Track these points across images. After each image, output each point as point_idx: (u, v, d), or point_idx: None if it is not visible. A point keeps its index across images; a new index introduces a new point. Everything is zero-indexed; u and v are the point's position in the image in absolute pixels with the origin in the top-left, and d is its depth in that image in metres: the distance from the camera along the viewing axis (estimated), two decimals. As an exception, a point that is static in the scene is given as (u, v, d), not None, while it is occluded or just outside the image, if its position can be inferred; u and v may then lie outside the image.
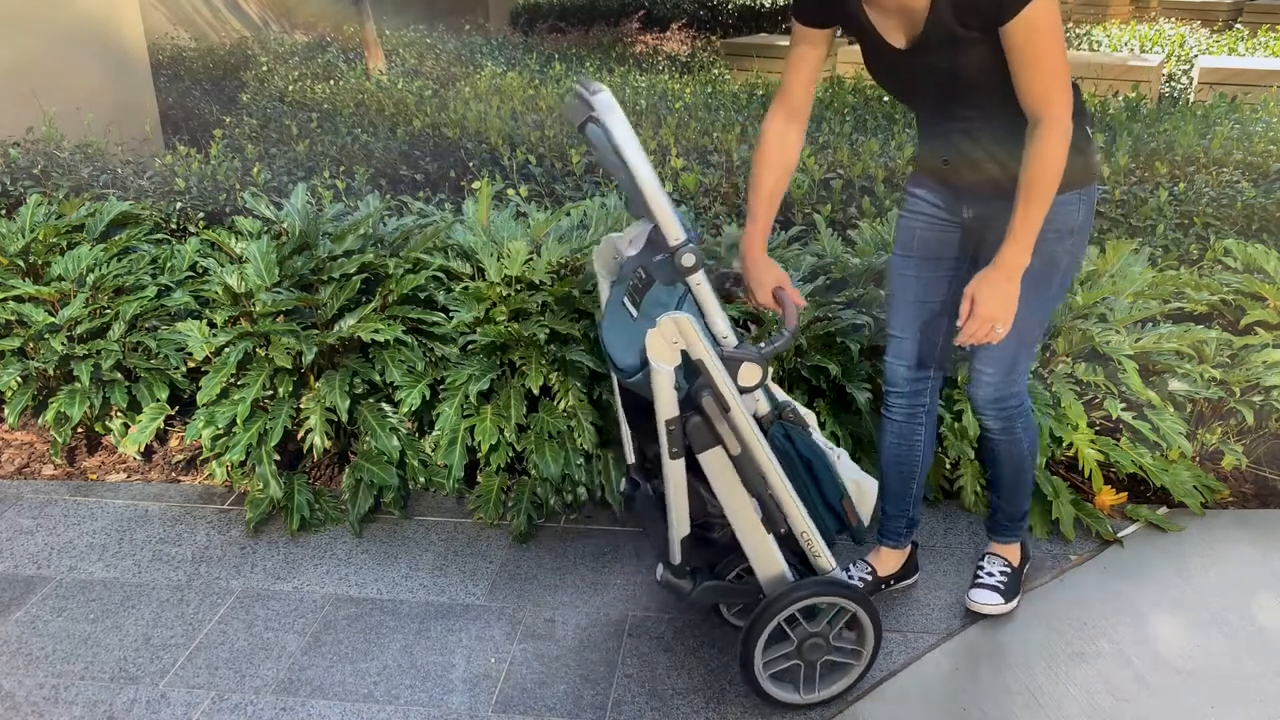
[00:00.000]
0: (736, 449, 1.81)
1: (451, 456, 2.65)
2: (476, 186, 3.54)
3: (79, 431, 3.13)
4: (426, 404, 2.80)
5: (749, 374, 1.79)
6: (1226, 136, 4.00)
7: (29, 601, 2.42)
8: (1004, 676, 2.15)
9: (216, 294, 2.82)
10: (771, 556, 1.92)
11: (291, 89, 5.84)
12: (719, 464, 1.83)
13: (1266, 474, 2.90)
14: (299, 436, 2.82)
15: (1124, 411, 2.67)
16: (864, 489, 2.05)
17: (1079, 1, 11.46)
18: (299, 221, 3.06)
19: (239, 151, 4.45)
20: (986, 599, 2.30)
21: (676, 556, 1.94)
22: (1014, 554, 2.38)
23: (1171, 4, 11.52)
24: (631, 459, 2.19)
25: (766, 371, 1.81)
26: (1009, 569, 2.35)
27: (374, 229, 3.10)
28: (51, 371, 2.92)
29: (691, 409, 1.78)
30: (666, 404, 1.75)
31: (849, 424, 2.73)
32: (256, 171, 3.88)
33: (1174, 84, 7.33)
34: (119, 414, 3.00)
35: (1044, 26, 1.67)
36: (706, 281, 1.78)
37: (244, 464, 2.78)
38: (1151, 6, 12.09)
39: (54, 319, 2.96)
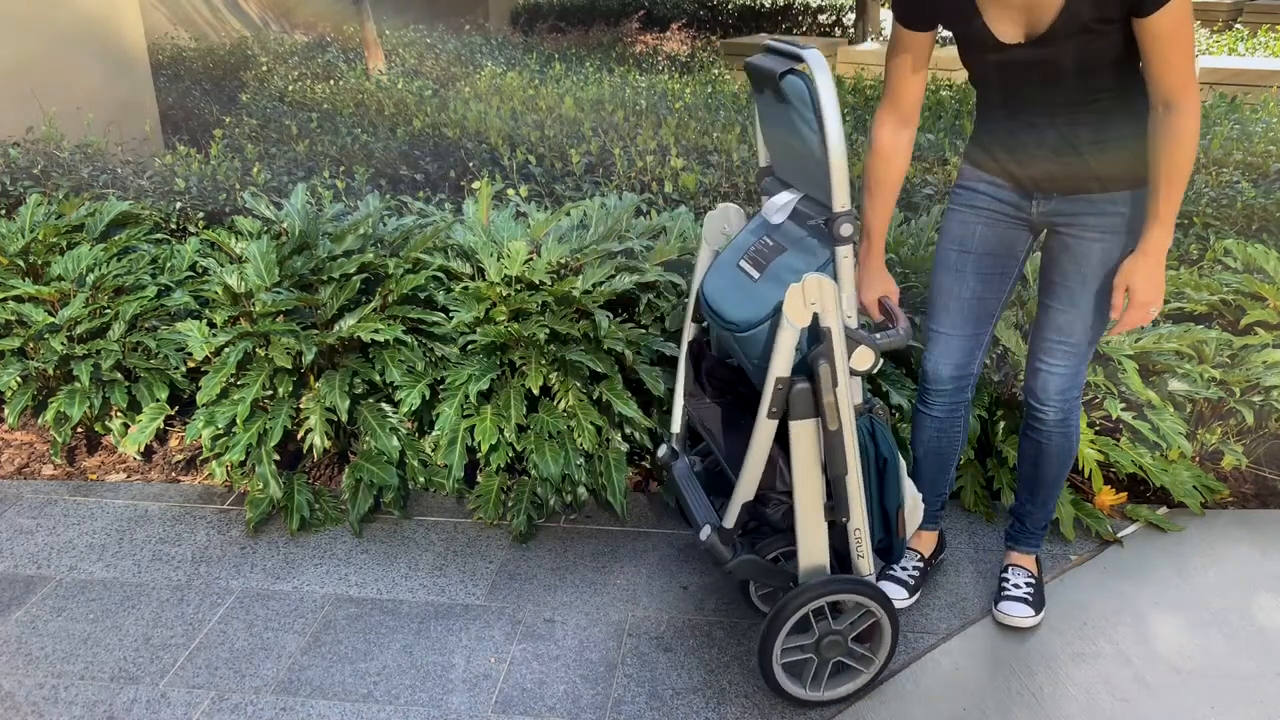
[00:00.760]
0: (835, 425, 1.82)
1: (451, 456, 2.65)
2: (476, 186, 3.55)
3: (79, 431, 3.13)
4: (426, 404, 2.80)
5: (863, 357, 1.82)
6: (1226, 136, 4.00)
7: (29, 601, 2.42)
8: (1004, 676, 2.15)
9: (216, 294, 2.82)
10: (820, 544, 1.93)
11: (291, 89, 5.84)
12: (809, 436, 1.84)
13: (1266, 474, 2.90)
14: (299, 436, 2.82)
15: (1124, 411, 2.67)
16: (917, 505, 2.07)
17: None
18: (299, 221, 3.06)
19: (239, 151, 4.45)
20: (1017, 611, 2.27)
21: (732, 519, 1.95)
22: (1034, 564, 2.37)
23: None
24: (677, 428, 2.24)
25: (878, 360, 1.83)
26: (1033, 579, 2.34)
27: (374, 229, 3.10)
28: (51, 371, 2.92)
29: (802, 375, 1.80)
30: (783, 362, 1.78)
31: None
32: (256, 171, 3.88)
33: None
34: (119, 414, 3.00)
35: (1185, 15, 1.70)
36: (852, 256, 1.81)
37: (244, 464, 2.78)
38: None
39: (54, 319, 2.96)
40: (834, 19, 11.44)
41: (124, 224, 3.47)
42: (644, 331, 2.76)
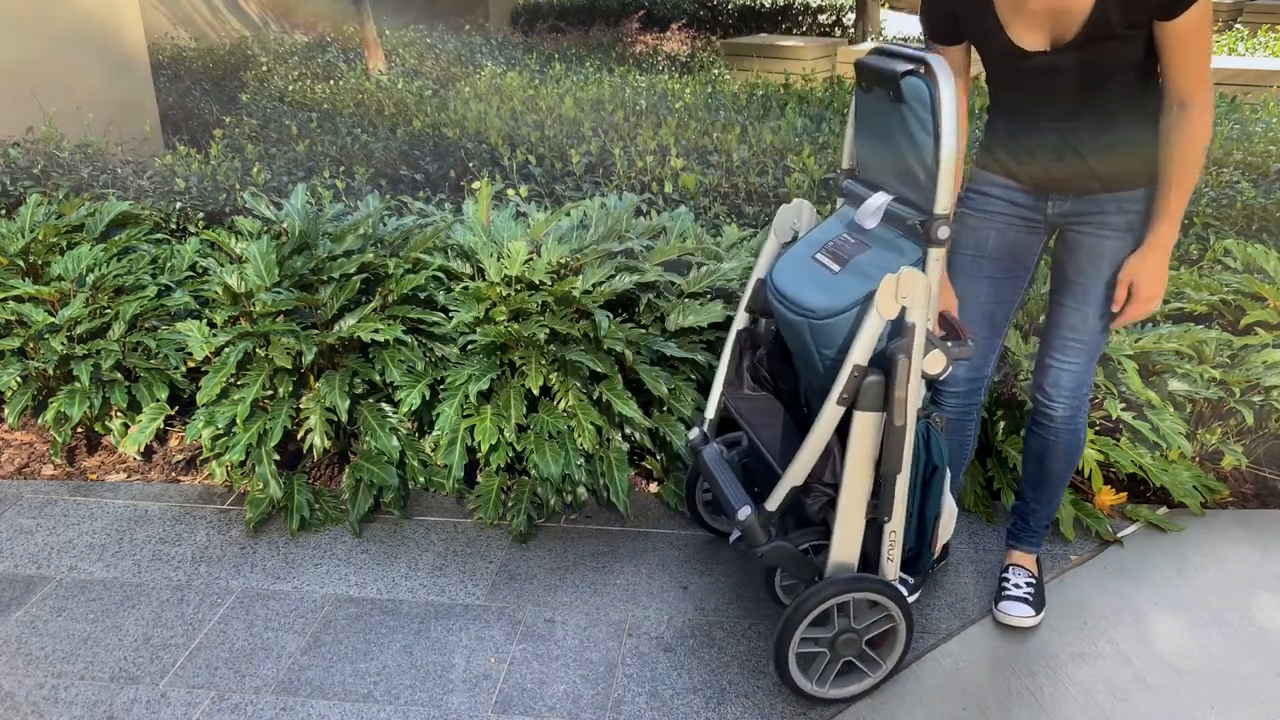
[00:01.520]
0: (901, 421, 1.83)
1: (451, 456, 2.65)
2: (476, 186, 3.55)
3: (79, 431, 3.13)
4: (426, 404, 2.80)
5: (935, 361, 1.83)
6: (1226, 136, 4.00)
7: (29, 601, 2.42)
8: (1004, 676, 2.15)
9: (216, 294, 2.82)
10: (855, 540, 1.95)
11: (291, 89, 5.84)
12: (870, 429, 1.85)
13: (1266, 474, 2.90)
14: (299, 436, 2.82)
15: (1124, 411, 2.67)
16: (951, 519, 2.08)
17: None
18: (299, 221, 3.06)
19: (239, 151, 4.45)
20: (1018, 611, 2.28)
21: (776, 503, 1.96)
22: (1034, 564, 2.37)
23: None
24: (712, 414, 2.29)
25: (948, 367, 1.84)
26: (1034, 579, 2.34)
27: (374, 229, 3.10)
28: (51, 371, 2.92)
29: (876, 367, 1.82)
30: (863, 349, 1.80)
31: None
32: (256, 171, 3.88)
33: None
34: (119, 414, 3.00)
35: (1206, 17, 1.73)
36: (943, 259, 1.84)
37: (244, 464, 2.78)
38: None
39: (54, 319, 2.96)
40: (834, 19, 11.44)
41: (124, 224, 3.47)
42: (644, 331, 2.76)
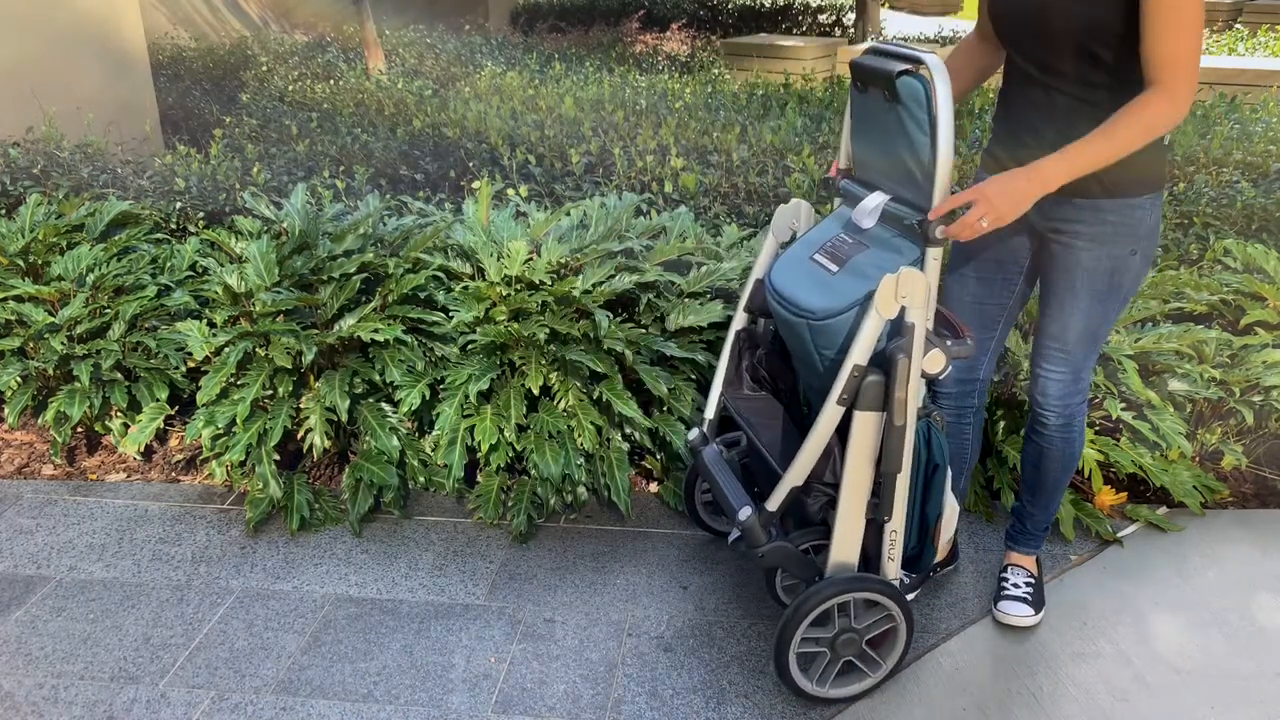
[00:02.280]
0: (901, 420, 1.83)
1: (451, 456, 2.65)
2: (476, 186, 3.55)
3: (79, 431, 3.13)
4: (426, 404, 2.80)
5: (934, 360, 1.83)
6: (1226, 136, 4.00)
7: (29, 601, 2.42)
8: (1004, 677, 2.15)
9: (216, 294, 2.82)
10: (855, 540, 1.95)
11: (291, 89, 5.84)
12: (870, 429, 1.85)
13: (1266, 474, 2.90)
14: (299, 436, 2.82)
15: (1124, 411, 2.67)
16: (953, 518, 2.07)
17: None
18: (299, 221, 3.06)
19: (239, 151, 4.45)
20: (1017, 610, 2.28)
21: (776, 503, 1.96)
22: (1034, 564, 2.37)
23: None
24: (711, 414, 2.29)
25: (948, 365, 1.84)
26: (1033, 579, 2.34)
27: (374, 229, 3.10)
28: (51, 371, 2.92)
29: (876, 367, 1.82)
30: (863, 349, 1.79)
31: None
32: (256, 171, 3.89)
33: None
34: (119, 414, 3.00)
35: None
36: (939, 259, 1.83)
37: (244, 464, 2.78)
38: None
39: (54, 319, 2.96)
40: (834, 19, 11.44)
41: (124, 224, 3.47)
42: (644, 331, 2.76)
